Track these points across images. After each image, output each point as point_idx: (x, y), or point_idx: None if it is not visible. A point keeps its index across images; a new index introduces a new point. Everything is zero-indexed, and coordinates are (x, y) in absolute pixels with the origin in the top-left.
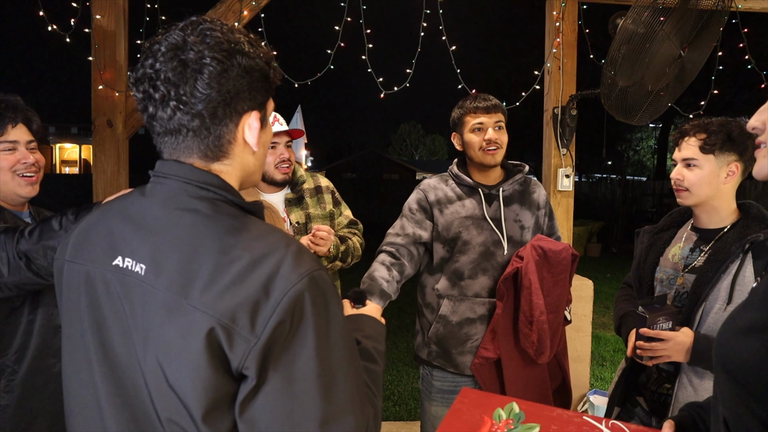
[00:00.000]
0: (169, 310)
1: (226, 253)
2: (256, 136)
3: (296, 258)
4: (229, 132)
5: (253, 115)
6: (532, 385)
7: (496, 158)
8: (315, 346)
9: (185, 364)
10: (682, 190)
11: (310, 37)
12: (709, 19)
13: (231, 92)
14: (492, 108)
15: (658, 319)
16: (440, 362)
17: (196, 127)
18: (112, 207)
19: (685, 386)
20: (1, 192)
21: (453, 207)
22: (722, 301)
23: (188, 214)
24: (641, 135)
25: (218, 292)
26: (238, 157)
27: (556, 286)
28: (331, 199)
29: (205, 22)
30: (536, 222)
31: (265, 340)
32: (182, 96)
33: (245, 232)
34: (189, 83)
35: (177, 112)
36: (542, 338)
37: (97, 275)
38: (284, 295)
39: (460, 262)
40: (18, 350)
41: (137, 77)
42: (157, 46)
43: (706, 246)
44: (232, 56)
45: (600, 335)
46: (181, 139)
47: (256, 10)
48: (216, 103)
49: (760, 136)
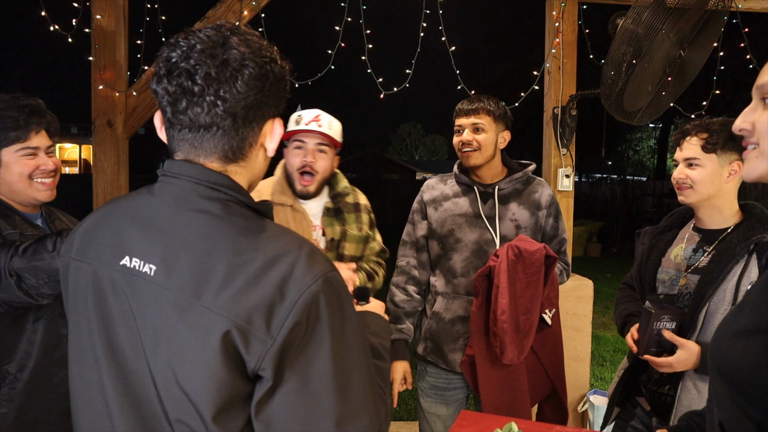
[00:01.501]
0: (182, 311)
1: (239, 254)
2: (277, 141)
3: (310, 259)
4: (253, 135)
5: (276, 121)
6: (508, 387)
7: (471, 160)
8: (331, 346)
9: (198, 365)
10: (685, 188)
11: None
12: (709, 19)
13: (263, 96)
14: (471, 111)
15: (663, 317)
16: (433, 358)
17: (228, 126)
18: (119, 206)
19: (689, 389)
20: (18, 195)
21: (447, 204)
22: (727, 303)
23: (200, 214)
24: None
25: (233, 294)
26: (252, 160)
27: (529, 287)
28: (368, 220)
29: (241, 27)
30: (536, 222)
31: (281, 342)
32: (221, 93)
33: (258, 233)
34: (229, 82)
35: (213, 108)
36: (501, 338)
37: (104, 275)
38: (300, 296)
39: (453, 260)
40: (21, 359)
41: (168, 70)
42: (190, 41)
43: (708, 246)
44: (268, 62)
45: (600, 335)
46: (208, 136)
47: (256, 10)
48: (250, 104)
49: (748, 138)
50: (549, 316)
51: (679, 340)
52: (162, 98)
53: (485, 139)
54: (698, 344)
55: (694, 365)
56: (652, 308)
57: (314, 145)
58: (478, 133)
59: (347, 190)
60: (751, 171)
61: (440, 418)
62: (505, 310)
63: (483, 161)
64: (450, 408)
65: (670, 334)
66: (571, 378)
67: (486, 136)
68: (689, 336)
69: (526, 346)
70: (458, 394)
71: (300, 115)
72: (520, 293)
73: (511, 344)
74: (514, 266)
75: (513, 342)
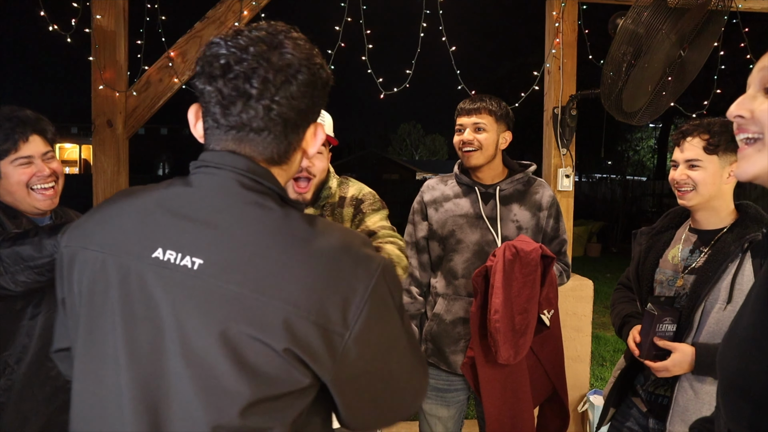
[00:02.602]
0: (240, 306)
1: (302, 247)
2: (317, 146)
3: (367, 249)
4: (298, 140)
5: (319, 126)
6: (509, 389)
7: (471, 160)
8: (399, 324)
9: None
10: (686, 191)
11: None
12: (709, 18)
13: (312, 102)
14: (473, 110)
15: (665, 319)
16: (434, 360)
17: (279, 131)
18: (146, 197)
19: (686, 390)
20: (21, 204)
21: (447, 205)
22: (722, 301)
23: (252, 206)
24: (641, 135)
25: (302, 288)
26: (293, 163)
27: (526, 286)
28: (351, 214)
29: (292, 30)
30: (537, 223)
31: (357, 332)
32: (277, 98)
33: (314, 227)
34: (285, 87)
35: (268, 113)
36: (495, 338)
37: (131, 267)
38: (368, 288)
39: (454, 261)
40: (19, 352)
41: (223, 69)
42: (239, 41)
43: (705, 247)
44: (319, 68)
45: (600, 335)
46: (259, 139)
47: (256, 10)
48: (301, 110)
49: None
50: (547, 317)
51: (672, 345)
52: (211, 98)
53: (486, 138)
54: (692, 345)
55: (690, 367)
56: (655, 310)
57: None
58: (479, 133)
59: (331, 190)
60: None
61: (441, 419)
62: (498, 310)
63: (484, 161)
64: (451, 409)
65: (663, 341)
66: (571, 378)
67: (487, 136)
68: (686, 336)
69: (523, 346)
70: (459, 395)
71: None
72: (516, 293)
73: (506, 344)
74: (510, 266)
75: (508, 342)
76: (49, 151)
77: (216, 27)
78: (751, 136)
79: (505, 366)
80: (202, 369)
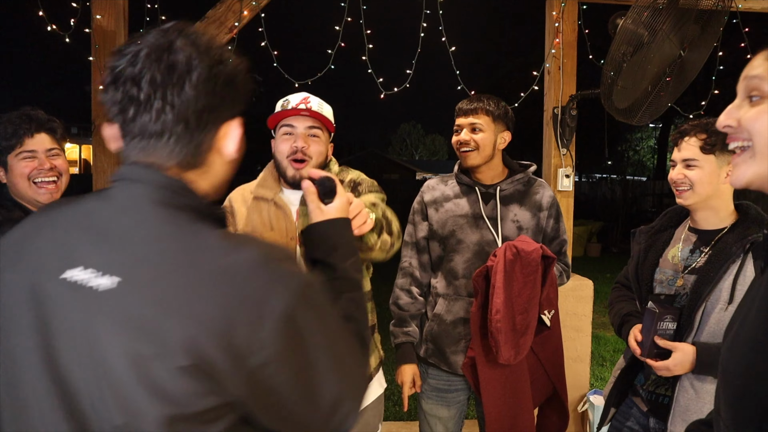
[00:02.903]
0: (141, 327)
1: (213, 263)
2: (237, 144)
3: (289, 265)
4: (209, 140)
5: (233, 123)
6: (509, 389)
7: (468, 160)
8: (322, 345)
9: (159, 380)
10: (684, 190)
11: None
12: (709, 19)
13: (216, 99)
14: (470, 111)
15: (666, 317)
16: (435, 360)
17: (180, 132)
18: (62, 213)
19: (686, 389)
20: (24, 197)
21: (448, 205)
22: (723, 301)
23: (163, 223)
24: (641, 135)
25: (201, 312)
26: (212, 165)
27: (526, 286)
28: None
29: (189, 27)
30: (537, 223)
31: (272, 353)
32: (169, 98)
33: (228, 241)
34: (177, 86)
35: (162, 115)
36: (496, 338)
37: (45, 287)
38: (285, 306)
39: (455, 261)
40: None
41: (114, 77)
42: (135, 47)
43: (705, 247)
44: (219, 63)
45: (600, 335)
46: (161, 144)
47: (256, 10)
48: (202, 107)
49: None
50: (548, 317)
51: (673, 344)
52: (110, 108)
53: (483, 139)
54: (693, 344)
55: (691, 366)
56: (656, 308)
57: (304, 128)
58: (475, 133)
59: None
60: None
61: (441, 420)
62: (499, 310)
63: (481, 161)
64: (451, 410)
65: (663, 341)
66: (571, 378)
67: (484, 136)
68: (686, 335)
69: (523, 346)
70: (459, 395)
71: (287, 99)
72: (517, 293)
73: (507, 344)
74: (511, 266)
75: (509, 341)
76: (54, 149)
77: (216, 27)
78: (742, 144)
79: (505, 366)
80: (114, 388)
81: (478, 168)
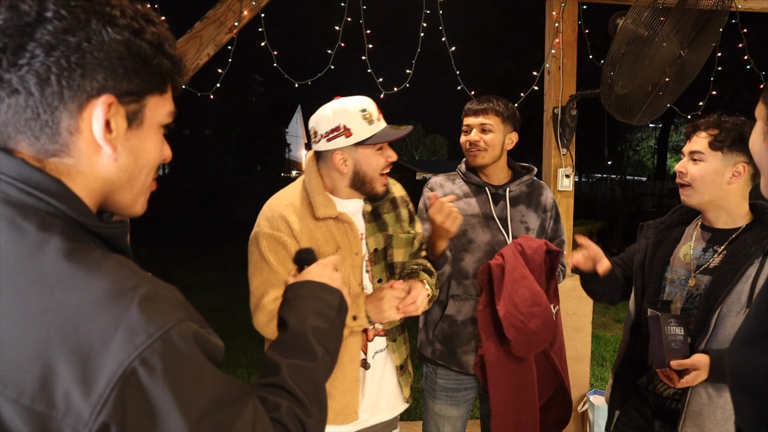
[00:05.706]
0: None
1: (43, 291)
2: (103, 131)
3: (148, 307)
4: (70, 117)
5: (102, 100)
6: (515, 385)
7: (477, 160)
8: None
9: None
10: (685, 187)
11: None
12: (708, 19)
13: (77, 61)
14: (480, 111)
15: (670, 321)
16: (444, 361)
17: (22, 101)
18: None
19: (699, 394)
20: None
21: (459, 204)
22: (742, 305)
23: (4, 228)
24: (641, 135)
25: (21, 350)
26: (85, 157)
27: (534, 281)
28: (407, 215)
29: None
30: (541, 224)
31: (99, 426)
32: (7, 52)
33: (76, 264)
34: (17, 38)
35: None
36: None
37: None
38: (123, 364)
39: (465, 261)
40: None
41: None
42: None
43: (719, 246)
44: (89, 17)
45: (600, 335)
46: (6, 104)
47: (256, 10)
48: (51, 70)
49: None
50: (554, 312)
51: (688, 363)
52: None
53: (492, 139)
54: (706, 353)
55: (706, 375)
56: (659, 312)
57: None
58: (485, 134)
59: (389, 185)
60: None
61: (450, 419)
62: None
63: (489, 161)
64: (460, 409)
65: (679, 362)
66: (571, 378)
67: (493, 137)
68: (700, 340)
69: (535, 341)
70: (468, 394)
71: (367, 111)
72: (525, 288)
73: (519, 339)
74: (517, 263)
75: (522, 337)
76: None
77: (216, 27)
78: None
79: (514, 362)
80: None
81: (485, 168)
